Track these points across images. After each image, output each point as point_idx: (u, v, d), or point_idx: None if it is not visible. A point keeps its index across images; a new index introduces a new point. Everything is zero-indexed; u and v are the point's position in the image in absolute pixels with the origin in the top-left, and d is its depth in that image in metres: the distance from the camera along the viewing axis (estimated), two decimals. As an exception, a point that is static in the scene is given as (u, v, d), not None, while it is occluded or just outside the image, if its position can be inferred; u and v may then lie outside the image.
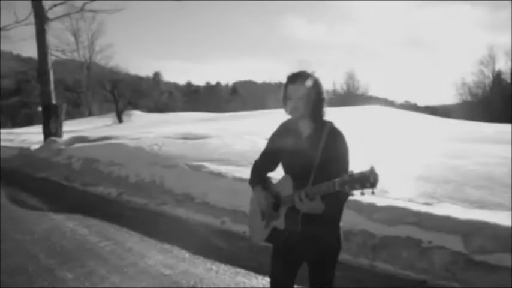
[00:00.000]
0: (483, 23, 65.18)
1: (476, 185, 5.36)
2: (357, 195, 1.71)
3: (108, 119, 30.55)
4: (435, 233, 3.87)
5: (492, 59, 38.73)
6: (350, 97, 43.50)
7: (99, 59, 43.00)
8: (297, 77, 2.00)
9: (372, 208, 4.38)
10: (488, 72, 39.01)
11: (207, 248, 4.38)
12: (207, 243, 4.62)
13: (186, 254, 4.17)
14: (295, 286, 2.17)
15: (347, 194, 1.80)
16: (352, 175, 1.64)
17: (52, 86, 13.34)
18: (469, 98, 39.73)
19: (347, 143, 1.99)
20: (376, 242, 4.11)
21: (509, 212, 4.46)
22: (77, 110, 42.72)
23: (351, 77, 47.74)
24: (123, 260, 4.01)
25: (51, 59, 13.78)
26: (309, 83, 1.99)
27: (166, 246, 4.41)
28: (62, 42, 34.69)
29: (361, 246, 4.14)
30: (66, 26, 39.69)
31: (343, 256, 4.05)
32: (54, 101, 13.36)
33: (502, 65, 40.30)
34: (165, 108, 43.98)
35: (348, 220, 4.33)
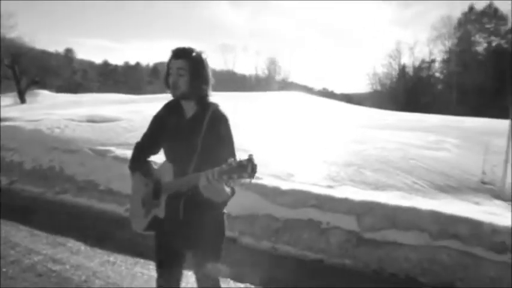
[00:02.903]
0: (392, 18, 70.85)
1: (374, 168, 5.79)
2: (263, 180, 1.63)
3: (9, 99, 27.15)
4: (333, 214, 4.09)
5: (399, 52, 42.40)
6: (271, 82, 44.41)
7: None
8: (181, 52, 1.88)
9: (276, 192, 4.48)
10: (395, 65, 42.70)
11: (107, 238, 4.11)
12: (107, 233, 4.34)
13: (82, 247, 3.86)
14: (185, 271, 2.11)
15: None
16: (230, 164, 1.55)
17: None
18: (379, 88, 43.13)
19: (230, 126, 1.91)
20: (279, 225, 4.21)
21: (399, 192, 4.90)
22: (-30, 88, 37.40)
23: (272, 63, 48.68)
24: (4, 258, 3.57)
25: None
26: (192, 59, 1.87)
27: (60, 239, 4.04)
28: None
29: (264, 230, 4.22)
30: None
31: (246, 240, 4.12)
32: None
33: (406, 59, 44.43)
34: (78, 89, 40.63)
35: (253, 204, 4.39)
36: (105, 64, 56.20)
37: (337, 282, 3.40)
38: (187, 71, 1.85)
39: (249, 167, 1.52)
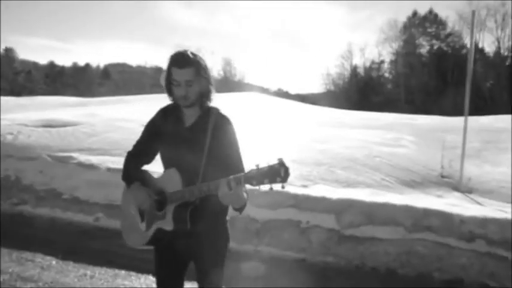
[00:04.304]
0: (343, 21, 73.55)
1: (343, 166, 5.96)
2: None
3: None
4: (312, 213, 4.16)
5: (350, 53, 44.09)
6: (227, 83, 44.35)
7: None
8: (185, 60, 1.76)
9: (252, 193, 4.45)
10: (347, 66, 44.37)
11: (79, 250, 3.88)
12: (79, 245, 4.09)
13: (53, 261, 3.61)
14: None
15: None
16: (259, 169, 1.48)
17: None
18: (332, 88, 44.54)
19: (235, 130, 1.87)
20: (258, 226, 4.21)
21: (370, 189, 5.08)
22: None
23: (228, 64, 48.62)
24: (-35, 279, 3.25)
25: None
26: (198, 65, 1.77)
27: (26, 254, 3.74)
28: None
29: (244, 232, 4.19)
30: None
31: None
32: None
33: (357, 60, 46.43)
34: (22, 91, 38.01)
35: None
36: (51, 65, 52.97)
37: (323, 280, 3.46)
38: (195, 81, 1.77)
39: (281, 170, 1.44)
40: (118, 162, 5.53)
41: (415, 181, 5.75)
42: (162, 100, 1.98)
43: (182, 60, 1.76)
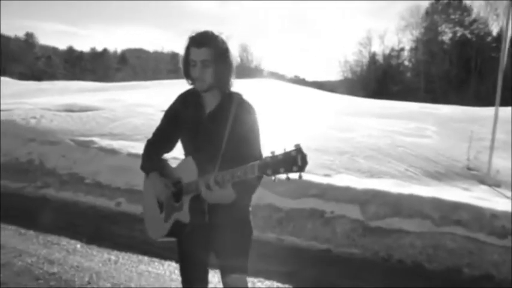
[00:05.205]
0: (362, 8, 71.90)
1: (366, 155, 5.83)
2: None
3: (-34, 86, 25.41)
4: (336, 203, 4.07)
5: (369, 40, 43.14)
6: (244, 69, 44.08)
7: None
8: (203, 39, 1.64)
9: (275, 181, 4.39)
10: (365, 53, 43.45)
11: (102, 235, 3.90)
12: (102, 229, 4.12)
13: (77, 245, 3.64)
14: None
15: (261, 177, 1.54)
16: (275, 157, 1.35)
17: None
18: (350, 75, 43.77)
19: (257, 117, 1.74)
20: (282, 215, 4.15)
21: (394, 179, 4.95)
22: None
23: (245, 50, 48.19)
24: (-8, 260, 3.30)
25: None
26: (217, 46, 1.65)
27: (51, 237, 3.78)
28: None
29: (267, 220, 4.14)
30: None
31: (251, 232, 4.03)
32: None
33: (376, 47, 45.43)
34: (42, 76, 38.70)
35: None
36: (70, 50, 53.54)
37: (350, 271, 3.39)
38: (212, 61, 1.65)
39: (298, 158, 1.30)
40: (139, 147, 5.54)
41: (439, 172, 5.59)
42: (180, 86, 1.89)
43: (200, 39, 1.65)
